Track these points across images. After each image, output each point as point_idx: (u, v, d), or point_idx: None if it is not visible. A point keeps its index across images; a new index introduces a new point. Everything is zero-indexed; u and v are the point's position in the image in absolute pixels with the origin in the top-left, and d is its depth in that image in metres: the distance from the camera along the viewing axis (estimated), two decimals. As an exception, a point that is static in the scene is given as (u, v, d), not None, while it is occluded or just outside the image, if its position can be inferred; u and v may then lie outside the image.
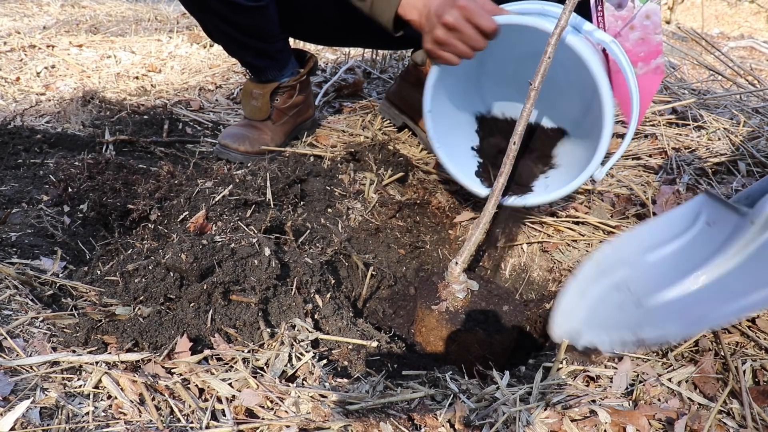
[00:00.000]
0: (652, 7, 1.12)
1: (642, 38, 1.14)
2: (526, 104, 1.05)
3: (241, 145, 1.61)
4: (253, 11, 1.42)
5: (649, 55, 1.15)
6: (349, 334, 1.05)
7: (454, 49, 1.11)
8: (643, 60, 1.16)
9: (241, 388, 0.84)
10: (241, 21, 1.44)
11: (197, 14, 1.49)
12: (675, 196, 1.49)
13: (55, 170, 1.41)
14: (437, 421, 0.81)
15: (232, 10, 1.40)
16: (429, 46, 1.14)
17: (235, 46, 1.56)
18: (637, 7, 1.12)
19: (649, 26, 1.13)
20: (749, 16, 5.88)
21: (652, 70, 1.16)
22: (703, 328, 1.02)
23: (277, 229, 1.24)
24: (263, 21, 1.48)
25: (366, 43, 1.92)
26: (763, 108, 2.09)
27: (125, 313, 0.95)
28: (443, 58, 1.14)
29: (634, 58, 1.16)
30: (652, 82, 1.17)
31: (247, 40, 1.51)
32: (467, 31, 1.08)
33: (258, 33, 1.50)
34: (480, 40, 1.09)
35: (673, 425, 0.87)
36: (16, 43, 2.63)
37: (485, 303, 1.25)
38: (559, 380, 0.95)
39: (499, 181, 1.11)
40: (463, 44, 1.10)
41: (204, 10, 1.44)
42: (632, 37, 1.14)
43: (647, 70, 1.16)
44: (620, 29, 1.15)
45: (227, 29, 1.47)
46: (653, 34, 1.13)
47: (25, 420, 0.73)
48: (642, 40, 1.14)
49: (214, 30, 1.53)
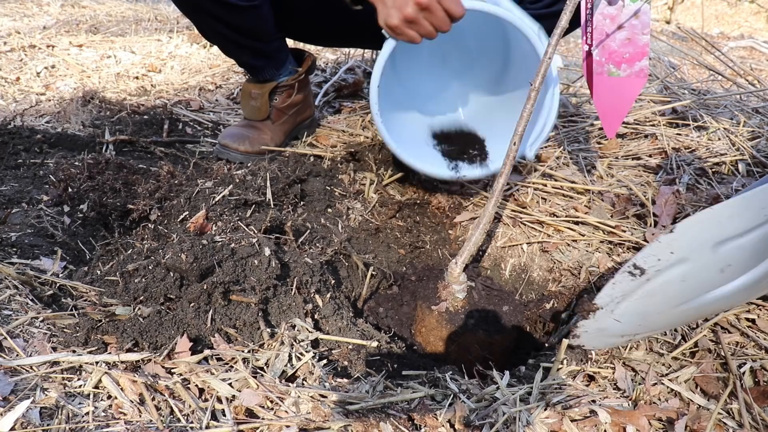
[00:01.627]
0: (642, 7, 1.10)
1: (629, 38, 1.11)
2: (526, 104, 1.05)
3: (241, 145, 1.61)
4: (247, 11, 1.41)
5: (634, 57, 1.12)
6: (349, 334, 1.05)
7: (422, 29, 1.15)
8: (627, 62, 1.13)
9: (241, 388, 0.84)
10: (235, 21, 1.44)
11: (191, 15, 1.48)
12: (675, 197, 1.49)
13: (55, 170, 1.41)
14: (437, 421, 0.81)
15: (225, 10, 1.39)
16: (395, 22, 1.15)
17: (231, 46, 1.56)
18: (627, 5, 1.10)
19: (637, 26, 1.10)
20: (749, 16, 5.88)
21: (636, 73, 1.12)
22: None
23: (277, 229, 1.24)
24: (258, 21, 1.47)
25: (361, 44, 1.92)
26: (763, 108, 2.09)
27: (125, 313, 0.95)
28: (408, 36, 1.17)
29: (619, 59, 1.13)
30: (634, 85, 1.14)
31: (242, 40, 1.50)
32: (438, 13, 1.12)
33: (253, 33, 1.50)
34: (447, 22, 1.14)
35: (673, 425, 0.87)
36: (16, 43, 2.63)
37: (485, 303, 1.25)
38: (559, 380, 0.95)
39: (500, 181, 1.11)
40: (430, 25, 1.14)
41: (198, 11, 1.43)
42: (619, 37, 1.12)
43: (630, 72, 1.13)
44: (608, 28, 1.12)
45: (222, 30, 1.47)
46: (641, 34, 1.10)
47: (25, 420, 0.73)
48: (628, 40, 1.11)
49: (209, 31, 1.52)
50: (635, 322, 0.97)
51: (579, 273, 1.35)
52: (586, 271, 1.34)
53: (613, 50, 1.12)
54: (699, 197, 1.52)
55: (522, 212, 1.52)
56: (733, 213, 0.79)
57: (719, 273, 0.87)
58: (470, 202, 1.60)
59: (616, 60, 1.12)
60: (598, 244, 1.40)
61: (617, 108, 1.17)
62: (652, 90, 2.37)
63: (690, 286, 0.89)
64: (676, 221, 1.46)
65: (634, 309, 0.93)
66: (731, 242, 0.83)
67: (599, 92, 1.15)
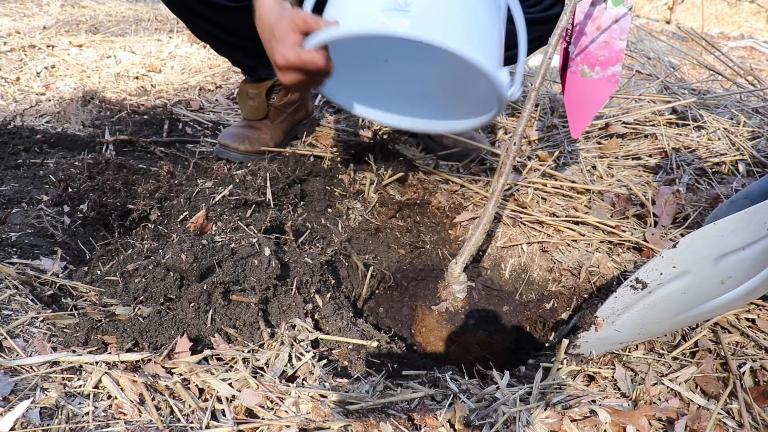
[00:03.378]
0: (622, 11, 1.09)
1: (606, 41, 1.10)
2: (526, 104, 1.05)
3: (241, 145, 1.61)
4: (236, 11, 1.39)
5: (608, 61, 1.11)
6: (349, 334, 1.05)
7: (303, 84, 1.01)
8: (601, 65, 1.11)
9: (241, 388, 0.84)
10: (224, 21, 1.43)
11: (181, 15, 1.46)
12: (675, 196, 1.49)
13: (55, 170, 1.41)
14: (437, 421, 0.81)
15: (214, 11, 1.38)
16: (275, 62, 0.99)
17: (222, 45, 1.55)
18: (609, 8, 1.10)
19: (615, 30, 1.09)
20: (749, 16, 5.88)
21: (607, 77, 1.11)
22: None
23: (277, 229, 1.24)
24: (247, 20, 1.47)
25: None
26: (763, 108, 2.09)
27: (125, 313, 0.95)
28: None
29: (593, 61, 1.12)
30: (604, 89, 1.12)
31: (233, 39, 1.49)
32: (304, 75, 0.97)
33: (244, 32, 1.48)
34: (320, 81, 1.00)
35: (673, 425, 0.87)
36: (16, 43, 2.62)
37: (485, 303, 1.25)
38: (559, 380, 0.95)
39: (500, 182, 1.11)
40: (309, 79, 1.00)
41: (186, 11, 1.42)
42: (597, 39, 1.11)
43: (603, 76, 1.11)
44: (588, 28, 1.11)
45: (212, 29, 1.46)
46: (618, 39, 1.09)
47: (25, 420, 0.73)
48: (605, 44, 1.10)
49: (200, 30, 1.51)
50: (634, 332, 0.98)
51: (579, 273, 1.36)
52: (586, 271, 1.34)
53: (590, 51, 1.11)
54: (699, 197, 1.52)
55: (522, 212, 1.52)
56: (736, 228, 0.80)
57: (719, 284, 0.89)
58: (470, 202, 1.60)
59: (590, 61, 1.12)
60: (598, 244, 1.40)
61: (586, 109, 1.16)
62: (652, 90, 2.37)
63: (690, 297, 0.90)
64: (676, 221, 1.46)
65: (634, 320, 0.94)
66: (732, 255, 0.84)
67: (570, 91, 1.15)
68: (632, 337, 1.00)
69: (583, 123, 1.17)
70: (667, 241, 1.35)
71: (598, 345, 0.99)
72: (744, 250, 0.83)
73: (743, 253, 0.84)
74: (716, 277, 0.87)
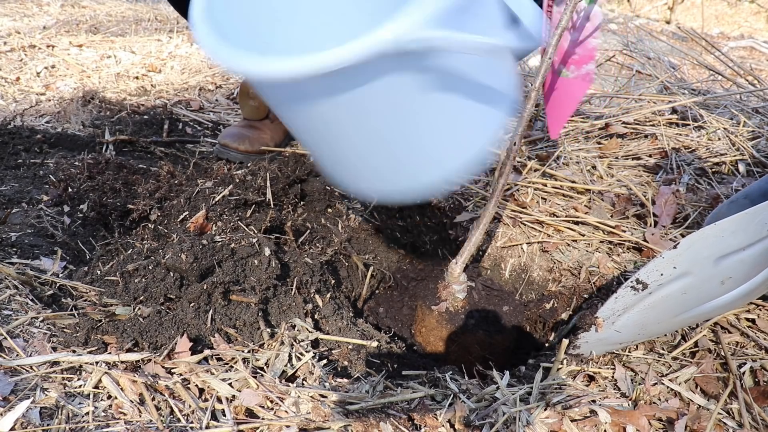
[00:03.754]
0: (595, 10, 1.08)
1: (580, 39, 1.09)
2: (526, 104, 1.05)
3: (241, 145, 1.61)
4: None
5: (582, 59, 1.09)
6: (349, 334, 1.05)
7: None
8: (575, 63, 1.10)
9: (241, 388, 0.84)
10: None
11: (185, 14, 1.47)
12: (675, 196, 1.49)
13: (55, 170, 1.41)
14: (437, 421, 0.81)
15: None
16: None
17: None
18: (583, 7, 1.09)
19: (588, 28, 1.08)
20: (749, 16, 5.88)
21: (582, 76, 1.10)
22: None
23: (277, 229, 1.24)
24: None
25: None
26: (763, 108, 2.09)
27: (125, 313, 0.95)
28: None
29: (568, 59, 1.11)
30: (579, 88, 1.11)
31: None
32: None
33: None
34: None
35: (673, 425, 0.87)
36: (16, 43, 2.62)
37: (485, 303, 1.25)
38: (559, 380, 0.95)
39: (500, 182, 1.11)
40: None
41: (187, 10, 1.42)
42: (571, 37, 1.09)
43: (578, 74, 1.10)
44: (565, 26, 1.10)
45: None
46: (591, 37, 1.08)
47: (25, 420, 0.73)
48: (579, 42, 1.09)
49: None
50: (635, 332, 0.98)
51: (579, 273, 1.36)
52: (586, 271, 1.34)
53: (565, 50, 1.10)
54: (699, 197, 1.52)
55: (522, 212, 1.51)
56: (737, 228, 0.80)
57: (719, 285, 0.89)
58: (470, 202, 1.60)
59: (566, 60, 1.11)
60: (598, 244, 1.40)
61: (563, 108, 1.16)
62: (652, 90, 2.37)
63: (690, 297, 0.91)
64: (676, 221, 1.46)
65: (634, 320, 0.95)
66: (733, 256, 0.84)
67: (549, 90, 1.14)
68: (632, 338, 1.01)
69: (560, 123, 1.17)
70: (667, 241, 1.35)
71: (598, 345, 0.99)
72: (744, 251, 0.84)
73: (743, 254, 0.84)
74: (717, 277, 0.88)
